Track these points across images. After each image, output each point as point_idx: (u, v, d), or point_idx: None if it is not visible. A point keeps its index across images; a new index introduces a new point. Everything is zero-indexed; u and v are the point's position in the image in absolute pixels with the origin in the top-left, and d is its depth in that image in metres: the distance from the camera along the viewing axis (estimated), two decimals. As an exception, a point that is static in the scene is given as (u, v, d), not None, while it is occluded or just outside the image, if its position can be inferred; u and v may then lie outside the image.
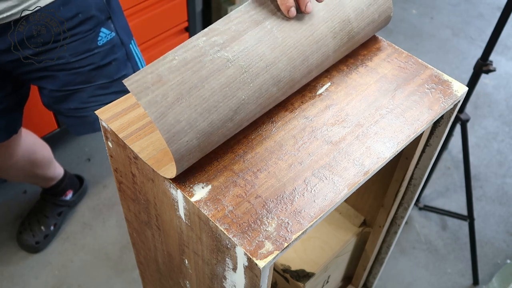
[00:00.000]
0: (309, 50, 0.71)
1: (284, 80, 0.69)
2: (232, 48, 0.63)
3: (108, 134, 0.71)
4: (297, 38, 0.69)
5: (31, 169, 1.48)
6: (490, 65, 1.32)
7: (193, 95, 0.60)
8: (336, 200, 0.63)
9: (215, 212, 0.61)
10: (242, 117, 0.65)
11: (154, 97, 0.57)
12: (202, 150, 0.62)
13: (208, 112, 0.61)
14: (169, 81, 0.58)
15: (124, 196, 0.81)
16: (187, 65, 0.60)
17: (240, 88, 0.63)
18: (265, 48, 0.66)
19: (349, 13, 0.75)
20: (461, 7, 2.65)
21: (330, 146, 0.69)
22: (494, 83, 2.25)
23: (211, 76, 0.61)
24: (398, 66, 0.80)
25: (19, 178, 1.51)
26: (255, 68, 0.65)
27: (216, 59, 0.61)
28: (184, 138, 0.59)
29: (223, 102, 0.62)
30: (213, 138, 0.63)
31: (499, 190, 1.85)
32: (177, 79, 0.59)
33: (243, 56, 0.64)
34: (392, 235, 1.08)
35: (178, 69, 0.59)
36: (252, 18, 0.66)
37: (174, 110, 0.58)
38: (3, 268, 1.58)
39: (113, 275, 1.58)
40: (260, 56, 0.65)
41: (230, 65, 0.63)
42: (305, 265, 1.06)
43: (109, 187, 1.79)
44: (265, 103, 0.68)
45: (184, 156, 0.60)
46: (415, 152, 0.87)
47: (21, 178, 1.52)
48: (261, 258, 0.57)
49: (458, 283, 1.60)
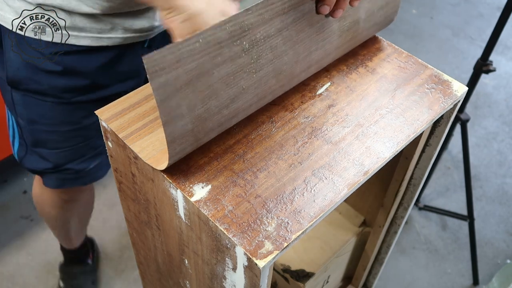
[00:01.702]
0: (314, 46, 0.71)
1: (284, 74, 0.69)
2: (253, 35, 0.62)
3: (108, 134, 0.71)
4: (309, 33, 0.69)
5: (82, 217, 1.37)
6: (490, 65, 1.32)
7: (201, 80, 0.59)
8: (336, 200, 0.63)
9: (215, 212, 0.61)
10: (239, 105, 0.66)
11: (166, 80, 0.55)
12: (195, 136, 0.62)
13: (208, 98, 0.61)
14: (186, 64, 0.57)
15: (124, 196, 0.81)
16: (207, 49, 0.58)
17: (243, 78, 0.64)
18: (279, 40, 0.66)
19: (361, 14, 0.76)
20: (461, 7, 2.65)
21: (330, 146, 0.69)
22: (494, 83, 2.25)
23: (223, 63, 0.60)
24: (398, 66, 0.80)
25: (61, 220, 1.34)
26: (263, 59, 0.65)
27: (234, 47, 0.60)
28: (180, 122, 0.59)
29: (224, 90, 0.62)
30: (208, 124, 0.63)
31: (499, 190, 1.85)
32: (194, 64, 0.57)
33: (257, 46, 0.63)
34: (392, 235, 1.08)
35: (198, 53, 0.57)
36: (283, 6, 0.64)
37: (179, 94, 0.57)
38: (3, 268, 1.58)
39: (113, 275, 1.58)
40: (272, 48, 0.65)
41: (244, 54, 0.62)
42: (305, 265, 1.06)
43: (109, 187, 1.80)
44: (262, 94, 0.68)
45: (176, 139, 0.60)
46: (415, 152, 0.87)
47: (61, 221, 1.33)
48: (261, 258, 0.57)
49: (458, 283, 1.60)
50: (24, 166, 1.06)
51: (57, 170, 1.04)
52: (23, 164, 1.06)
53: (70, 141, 0.99)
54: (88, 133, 0.99)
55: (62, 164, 1.03)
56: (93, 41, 0.84)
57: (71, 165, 1.04)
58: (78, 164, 1.04)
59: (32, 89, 0.89)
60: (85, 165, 1.06)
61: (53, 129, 0.96)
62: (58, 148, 0.99)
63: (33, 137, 0.98)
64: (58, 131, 0.96)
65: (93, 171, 1.09)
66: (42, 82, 0.87)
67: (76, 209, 1.28)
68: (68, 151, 1.01)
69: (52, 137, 0.97)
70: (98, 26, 0.83)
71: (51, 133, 0.96)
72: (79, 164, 1.05)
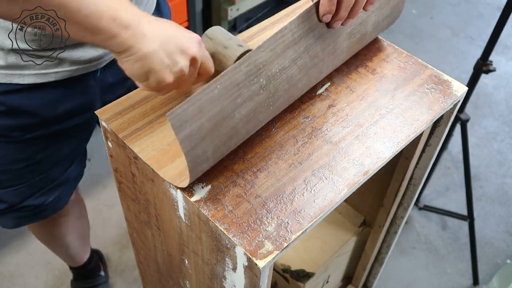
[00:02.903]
0: (326, 66, 0.73)
1: (296, 96, 0.72)
2: (268, 71, 0.64)
3: (108, 134, 0.71)
4: (322, 57, 0.71)
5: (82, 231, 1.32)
6: (490, 65, 1.32)
7: (224, 124, 0.61)
8: (336, 200, 0.63)
9: (215, 212, 0.61)
10: (252, 133, 0.68)
11: (190, 132, 0.57)
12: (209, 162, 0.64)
13: (230, 139, 0.63)
14: (208, 112, 0.58)
15: (124, 196, 0.81)
16: (226, 93, 0.59)
17: (262, 112, 0.65)
18: (294, 69, 0.67)
19: (369, 28, 0.77)
20: (461, 7, 2.65)
21: (330, 146, 0.69)
22: (494, 83, 2.25)
23: (243, 103, 0.62)
24: (398, 66, 0.80)
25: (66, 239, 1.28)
26: (280, 91, 0.66)
27: (251, 86, 0.62)
28: (204, 164, 0.62)
29: (244, 127, 0.64)
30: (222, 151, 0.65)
31: (499, 190, 1.85)
32: (215, 110, 0.59)
33: (274, 79, 0.64)
34: (392, 235, 1.08)
35: (218, 99, 0.59)
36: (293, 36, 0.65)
37: (204, 142, 0.59)
38: (3, 268, 1.58)
39: (113, 275, 1.58)
40: (288, 78, 0.67)
41: (262, 91, 0.63)
42: (305, 265, 1.06)
43: (109, 187, 1.79)
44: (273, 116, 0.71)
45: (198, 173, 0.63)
46: (415, 152, 0.87)
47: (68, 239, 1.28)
48: (261, 258, 0.57)
49: (458, 283, 1.60)
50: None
51: (14, 209, 0.97)
52: None
53: (24, 178, 0.92)
54: (43, 167, 0.92)
55: (18, 202, 0.96)
56: (39, 77, 0.77)
57: (29, 201, 0.96)
58: (35, 199, 0.97)
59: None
60: (43, 199, 0.98)
61: (5, 168, 0.89)
62: (12, 186, 0.92)
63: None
64: (10, 170, 0.89)
65: (53, 203, 1.02)
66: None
67: (67, 223, 1.21)
68: (23, 188, 0.93)
69: (4, 176, 0.90)
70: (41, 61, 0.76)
71: (2, 173, 0.89)
72: (37, 198, 0.97)
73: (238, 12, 1.96)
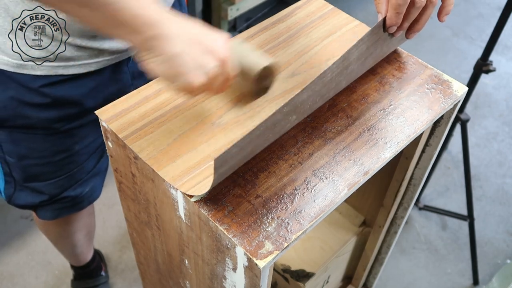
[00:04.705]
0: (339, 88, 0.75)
1: None
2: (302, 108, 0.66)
3: (108, 134, 0.71)
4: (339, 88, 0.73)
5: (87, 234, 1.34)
6: (490, 65, 1.32)
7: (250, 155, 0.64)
8: (336, 200, 0.63)
9: (215, 212, 0.61)
10: None
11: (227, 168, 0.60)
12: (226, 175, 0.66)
13: (251, 156, 0.66)
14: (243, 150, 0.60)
15: (124, 196, 0.81)
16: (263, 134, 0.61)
17: (281, 132, 0.68)
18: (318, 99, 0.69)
19: (384, 53, 0.79)
20: (461, 7, 2.65)
21: (330, 146, 0.69)
22: (494, 83, 2.25)
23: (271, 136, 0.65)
24: (398, 66, 0.80)
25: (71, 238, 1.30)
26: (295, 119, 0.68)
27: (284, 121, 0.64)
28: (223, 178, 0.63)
29: (263, 146, 0.67)
30: None
31: (499, 190, 1.85)
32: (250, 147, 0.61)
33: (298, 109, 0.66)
34: (392, 235, 1.08)
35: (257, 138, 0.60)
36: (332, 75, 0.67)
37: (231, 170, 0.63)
38: (3, 268, 1.58)
39: (113, 275, 1.58)
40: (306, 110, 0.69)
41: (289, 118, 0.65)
42: (305, 265, 1.06)
43: (109, 187, 1.79)
44: None
45: None
46: (415, 152, 0.87)
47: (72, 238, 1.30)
48: (261, 258, 0.57)
49: (458, 283, 1.60)
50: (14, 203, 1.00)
51: (54, 201, 1.01)
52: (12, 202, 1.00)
53: (64, 169, 0.96)
54: (80, 158, 0.96)
55: (58, 193, 0.99)
56: (82, 67, 0.81)
57: (67, 192, 1.00)
58: (74, 190, 1.01)
59: (19, 125, 0.85)
60: (80, 189, 1.02)
61: (47, 161, 0.92)
62: (53, 178, 0.96)
63: (24, 172, 0.93)
64: (51, 162, 0.92)
65: (89, 194, 1.06)
66: (30, 116, 0.83)
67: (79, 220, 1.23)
68: (63, 180, 0.97)
69: (46, 169, 0.94)
70: (86, 53, 0.79)
71: (44, 165, 0.93)
72: (75, 190, 1.01)
73: (238, 12, 1.96)
